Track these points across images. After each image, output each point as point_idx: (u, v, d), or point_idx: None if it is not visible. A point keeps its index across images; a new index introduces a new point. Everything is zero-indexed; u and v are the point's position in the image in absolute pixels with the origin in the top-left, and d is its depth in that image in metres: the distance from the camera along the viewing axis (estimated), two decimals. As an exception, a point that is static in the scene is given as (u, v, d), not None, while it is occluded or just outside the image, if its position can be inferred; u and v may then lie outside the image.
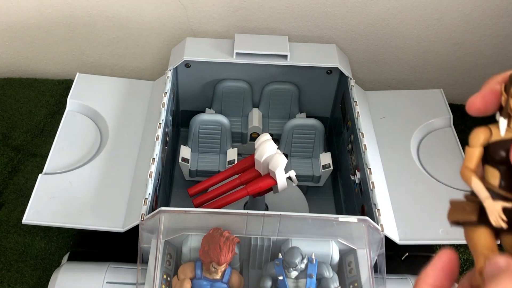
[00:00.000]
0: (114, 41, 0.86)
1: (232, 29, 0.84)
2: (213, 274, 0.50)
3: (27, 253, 0.64)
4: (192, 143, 0.71)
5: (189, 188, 0.60)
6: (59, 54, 0.89)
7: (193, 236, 0.52)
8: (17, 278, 0.62)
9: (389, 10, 0.82)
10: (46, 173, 0.58)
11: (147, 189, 0.53)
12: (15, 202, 0.70)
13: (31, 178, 0.72)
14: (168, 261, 0.51)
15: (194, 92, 0.74)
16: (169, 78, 0.67)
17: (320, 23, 0.83)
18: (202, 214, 0.51)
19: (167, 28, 0.84)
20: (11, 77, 0.89)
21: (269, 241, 0.53)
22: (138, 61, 0.90)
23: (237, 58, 0.68)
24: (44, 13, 0.83)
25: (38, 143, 0.78)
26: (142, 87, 0.71)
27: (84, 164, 0.60)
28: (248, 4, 0.81)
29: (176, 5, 0.81)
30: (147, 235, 0.51)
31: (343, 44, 0.86)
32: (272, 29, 0.84)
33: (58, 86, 0.87)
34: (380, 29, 0.84)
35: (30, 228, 0.66)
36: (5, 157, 0.75)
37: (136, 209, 0.53)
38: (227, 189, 0.58)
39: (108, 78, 0.73)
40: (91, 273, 0.54)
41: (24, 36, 0.86)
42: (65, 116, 0.66)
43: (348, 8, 0.81)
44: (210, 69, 0.71)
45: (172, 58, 0.71)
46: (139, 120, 0.66)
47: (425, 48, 0.87)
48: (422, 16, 0.82)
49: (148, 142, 0.61)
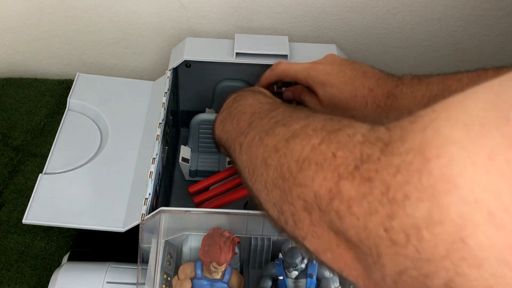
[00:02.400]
0: (114, 41, 0.86)
1: (232, 29, 0.84)
2: (213, 274, 0.50)
3: (27, 253, 0.64)
4: (192, 143, 0.71)
5: (189, 186, 0.60)
6: (59, 54, 0.89)
7: (193, 236, 0.52)
8: (17, 278, 0.62)
9: (389, 10, 0.82)
10: (46, 173, 0.58)
11: (147, 189, 0.53)
12: (15, 202, 0.70)
13: (31, 178, 0.72)
14: (168, 261, 0.51)
15: (194, 92, 0.74)
16: (169, 78, 0.67)
17: (320, 23, 0.83)
18: (202, 214, 0.51)
19: (167, 28, 0.84)
20: (11, 77, 0.89)
21: (269, 241, 0.53)
22: (138, 61, 0.90)
23: (237, 58, 0.68)
24: (44, 13, 0.83)
25: (38, 143, 0.78)
26: (142, 87, 0.71)
27: (84, 164, 0.60)
28: (248, 4, 0.81)
29: (176, 5, 0.81)
30: (147, 235, 0.51)
31: (343, 44, 0.86)
32: (272, 29, 0.84)
33: (58, 86, 0.87)
34: (380, 29, 0.84)
35: (30, 228, 0.66)
36: (5, 157, 0.75)
37: (136, 209, 0.53)
38: (228, 188, 0.58)
39: (109, 78, 0.73)
40: (91, 273, 0.54)
41: (24, 36, 0.86)
42: (65, 116, 0.66)
43: (348, 8, 0.81)
44: (210, 69, 0.71)
45: (172, 58, 0.71)
46: (139, 120, 0.66)
47: (425, 48, 0.87)
48: (422, 16, 0.82)
49: (148, 142, 0.61)
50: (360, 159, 0.28)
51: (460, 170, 0.23)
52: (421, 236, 0.24)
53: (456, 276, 0.23)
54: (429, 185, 0.24)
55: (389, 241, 0.25)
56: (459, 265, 0.23)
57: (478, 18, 0.82)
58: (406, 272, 0.25)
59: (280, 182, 0.34)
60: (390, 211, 0.25)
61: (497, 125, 0.22)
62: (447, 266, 0.23)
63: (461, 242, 0.22)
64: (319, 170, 0.31)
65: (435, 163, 0.23)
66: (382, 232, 0.26)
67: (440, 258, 0.23)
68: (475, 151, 0.22)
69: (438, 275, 0.24)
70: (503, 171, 0.21)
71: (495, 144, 0.22)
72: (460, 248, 0.22)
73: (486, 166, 0.22)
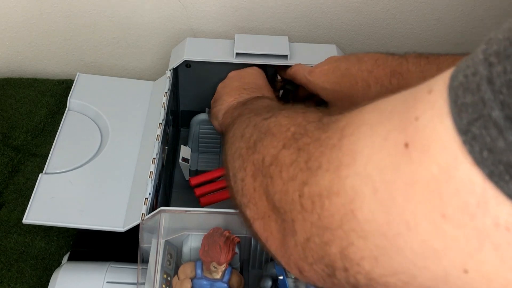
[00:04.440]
0: (114, 41, 0.87)
1: (232, 29, 0.84)
2: (213, 274, 0.50)
3: (27, 253, 0.64)
4: (192, 143, 0.71)
5: (191, 178, 0.60)
6: (59, 54, 0.89)
7: (194, 236, 0.52)
8: (18, 277, 0.62)
9: (389, 11, 0.82)
10: (46, 173, 0.58)
11: (148, 189, 0.54)
12: (15, 202, 0.70)
13: (32, 178, 0.72)
14: (168, 260, 0.51)
15: (194, 92, 0.74)
16: (169, 78, 0.67)
17: (320, 23, 0.84)
18: (202, 214, 0.52)
19: (167, 28, 0.84)
20: (11, 77, 0.89)
21: (269, 241, 0.53)
22: (138, 61, 0.90)
23: (237, 58, 0.68)
24: (44, 13, 0.83)
25: (38, 143, 0.78)
26: (143, 87, 0.71)
27: (85, 164, 0.60)
28: (248, 4, 0.81)
29: (176, 5, 0.81)
30: (148, 234, 0.51)
31: (343, 44, 0.86)
32: (272, 29, 0.84)
33: (58, 86, 0.87)
34: (380, 29, 0.84)
35: (30, 227, 0.66)
36: (5, 157, 0.75)
37: (136, 209, 0.53)
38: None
39: (109, 78, 0.73)
40: (92, 273, 0.54)
41: (24, 36, 0.86)
42: (65, 116, 0.66)
43: (348, 9, 0.82)
44: (211, 69, 0.71)
45: (172, 58, 0.71)
46: (140, 120, 0.66)
47: (425, 48, 0.87)
48: (422, 16, 0.82)
49: (148, 142, 0.61)
50: (302, 134, 0.31)
51: (361, 147, 0.25)
52: (323, 204, 0.26)
53: (349, 245, 0.25)
54: (337, 158, 0.26)
55: (300, 206, 0.28)
56: (350, 235, 0.25)
57: (478, 18, 0.82)
58: (312, 239, 0.27)
59: (244, 151, 0.37)
60: (305, 178, 0.28)
61: (401, 110, 0.23)
62: (341, 235, 0.25)
63: (351, 214, 0.24)
64: (274, 139, 0.34)
65: (347, 139, 0.26)
66: (297, 197, 0.28)
67: (336, 227, 0.25)
68: (378, 131, 0.24)
69: (335, 243, 0.26)
70: (390, 150, 0.23)
71: (393, 127, 0.23)
72: (350, 219, 0.24)
73: (380, 145, 0.24)
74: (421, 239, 0.22)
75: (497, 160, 0.19)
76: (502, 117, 0.18)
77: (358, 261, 0.25)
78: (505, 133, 0.18)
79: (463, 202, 0.20)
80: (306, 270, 0.29)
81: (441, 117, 0.21)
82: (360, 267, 0.25)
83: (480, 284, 0.21)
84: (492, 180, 0.19)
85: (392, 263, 0.24)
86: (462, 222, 0.20)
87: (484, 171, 0.19)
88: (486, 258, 0.20)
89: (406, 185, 0.22)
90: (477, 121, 0.19)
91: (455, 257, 0.21)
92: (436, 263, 0.22)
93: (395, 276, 0.24)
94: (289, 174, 0.29)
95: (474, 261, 0.20)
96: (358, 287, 0.26)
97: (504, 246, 0.19)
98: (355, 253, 0.25)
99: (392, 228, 0.23)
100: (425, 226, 0.21)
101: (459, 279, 0.21)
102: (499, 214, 0.19)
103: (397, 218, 0.22)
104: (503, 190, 0.19)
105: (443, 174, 0.20)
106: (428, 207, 0.21)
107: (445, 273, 0.22)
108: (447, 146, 0.20)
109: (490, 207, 0.19)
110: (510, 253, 0.19)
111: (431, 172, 0.21)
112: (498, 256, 0.20)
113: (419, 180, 0.21)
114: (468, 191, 0.20)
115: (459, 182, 0.20)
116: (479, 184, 0.19)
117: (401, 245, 0.23)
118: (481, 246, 0.20)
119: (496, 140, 0.18)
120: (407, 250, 0.22)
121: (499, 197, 0.19)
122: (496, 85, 0.18)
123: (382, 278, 0.24)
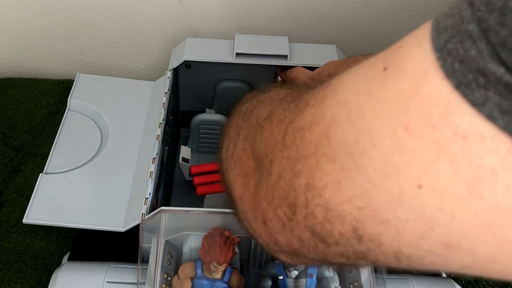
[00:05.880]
0: (114, 41, 0.87)
1: (232, 29, 0.84)
2: (213, 274, 0.50)
3: (27, 253, 0.64)
4: (192, 143, 0.71)
5: (193, 166, 0.60)
6: (59, 54, 0.89)
7: (194, 236, 0.52)
8: (18, 277, 0.62)
9: (389, 11, 0.82)
10: (46, 172, 0.58)
11: (148, 188, 0.54)
12: (15, 202, 0.70)
13: (32, 178, 0.72)
14: (168, 260, 0.51)
15: (194, 92, 0.74)
16: (169, 78, 0.67)
17: (320, 23, 0.84)
18: (202, 214, 0.52)
19: (167, 28, 0.84)
20: (11, 77, 0.89)
21: (269, 240, 0.53)
22: (138, 61, 0.90)
23: (238, 59, 0.68)
24: (44, 13, 0.83)
25: (38, 143, 0.78)
26: (143, 87, 0.71)
27: (85, 164, 0.60)
28: (248, 4, 0.81)
29: (176, 5, 0.81)
30: (148, 234, 0.51)
31: (343, 44, 0.86)
32: (272, 29, 0.84)
33: (58, 86, 0.87)
34: (380, 29, 0.84)
35: (30, 227, 0.66)
36: (5, 157, 0.75)
37: (136, 208, 0.53)
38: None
39: (109, 78, 0.73)
40: (92, 273, 0.54)
41: (24, 36, 0.86)
42: (65, 116, 0.66)
43: (348, 8, 0.82)
44: (211, 69, 0.71)
45: (172, 58, 0.71)
46: (140, 120, 0.66)
47: (425, 49, 0.87)
48: (422, 16, 0.82)
49: (148, 142, 0.61)
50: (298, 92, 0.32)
51: (346, 79, 0.25)
52: (303, 136, 0.26)
53: (316, 171, 0.25)
54: (324, 94, 0.26)
55: (282, 145, 0.28)
56: (320, 160, 0.25)
57: (478, 18, 0.83)
58: (283, 175, 0.27)
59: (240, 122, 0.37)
60: (292, 117, 0.28)
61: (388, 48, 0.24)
62: (311, 162, 0.25)
63: (326, 139, 0.25)
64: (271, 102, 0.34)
65: (336, 77, 0.26)
66: (281, 137, 0.28)
67: (309, 155, 0.26)
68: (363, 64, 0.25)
69: (304, 173, 0.26)
70: (369, 75, 0.23)
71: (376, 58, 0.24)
72: (324, 144, 0.25)
73: (360, 74, 0.24)
74: (383, 155, 0.22)
75: (467, 69, 0.19)
76: (478, 30, 0.19)
77: (320, 190, 0.25)
78: (478, 41, 0.19)
79: (426, 114, 0.20)
80: (270, 219, 0.29)
81: (421, 42, 0.21)
82: (321, 197, 0.25)
83: (431, 200, 0.21)
84: (459, 89, 0.19)
85: (353, 186, 0.23)
86: (422, 134, 0.20)
87: (453, 82, 0.20)
88: (440, 171, 0.20)
89: (377, 103, 0.22)
90: (454, 38, 0.20)
91: (411, 171, 0.21)
92: (393, 180, 0.22)
93: (352, 203, 0.24)
94: (278, 118, 0.30)
95: (429, 175, 0.21)
96: (313, 229, 0.26)
97: (459, 157, 0.20)
98: (320, 179, 0.25)
99: (359, 146, 0.23)
100: (388, 142, 0.22)
101: (413, 196, 0.21)
102: (459, 123, 0.19)
103: (364, 135, 0.23)
104: (468, 98, 0.19)
105: (413, 89, 0.21)
106: (393, 121, 0.21)
107: (400, 191, 0.22)
108: (420, 64, 0.21)
109: (452, 116, 0.20)
110: (462, 164, 0.20)
111: (402, 88, 0.21)
112: (452, 169, 0.20)
113: (389, 97, 0.22)
114: (433, 103, 0.20)
115: (426, 95, 0.20)
116: (445, 95, 0.20)
117: (364, 163, 0.23)
118: (437, 158, 0.20)
119: (469, 50, 0.19)
120: (369, 168, 0.22)
121: (462, 105, 0.19)
122: (476, 5, 0.19)
123: (339, 207, 0.24)
